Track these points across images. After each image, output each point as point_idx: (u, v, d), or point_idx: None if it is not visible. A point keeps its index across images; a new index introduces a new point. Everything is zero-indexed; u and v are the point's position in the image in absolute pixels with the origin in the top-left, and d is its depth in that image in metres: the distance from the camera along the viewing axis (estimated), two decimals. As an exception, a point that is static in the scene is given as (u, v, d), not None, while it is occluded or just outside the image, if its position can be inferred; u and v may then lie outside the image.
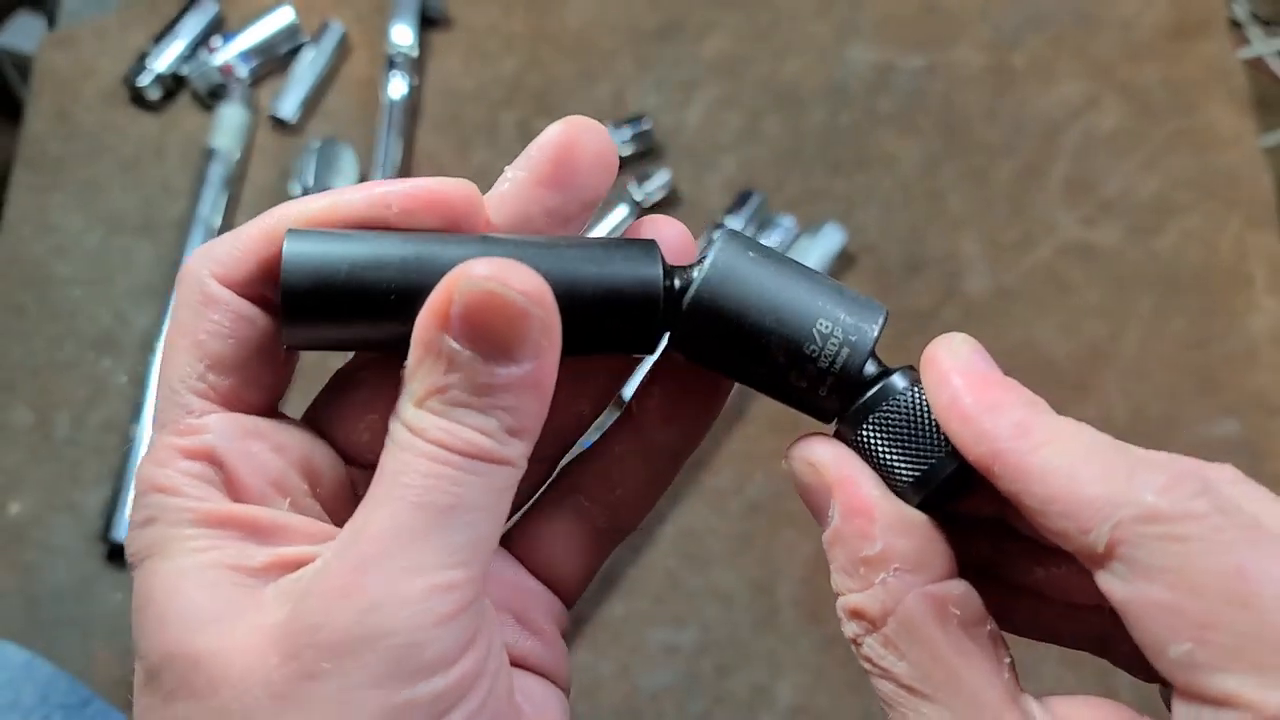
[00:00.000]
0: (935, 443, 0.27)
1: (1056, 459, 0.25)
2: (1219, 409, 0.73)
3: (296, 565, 0.25)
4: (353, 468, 0.30)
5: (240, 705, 0.23)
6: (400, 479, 0.24)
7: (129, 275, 0.79)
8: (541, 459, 0.32)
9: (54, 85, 0.85)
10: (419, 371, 0.24)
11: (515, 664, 0.30)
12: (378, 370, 0.30)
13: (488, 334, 0.24)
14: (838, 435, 0.29)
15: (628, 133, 0.80)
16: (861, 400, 0.28)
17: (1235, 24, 1.34)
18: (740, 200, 0.79)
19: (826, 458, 0.27)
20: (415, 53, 0.84)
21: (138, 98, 0.83)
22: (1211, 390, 0.74)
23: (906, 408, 0.27)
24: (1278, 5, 1.39)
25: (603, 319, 0.27)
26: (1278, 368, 0.74)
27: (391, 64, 0.83)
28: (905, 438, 0.27)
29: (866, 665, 0.26)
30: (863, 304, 0.28)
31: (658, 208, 0.79)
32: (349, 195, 0.27)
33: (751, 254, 0.28)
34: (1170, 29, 0.84)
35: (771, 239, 0.77)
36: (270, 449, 0.28)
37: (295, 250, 0.26)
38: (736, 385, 0.30)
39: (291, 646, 0.23)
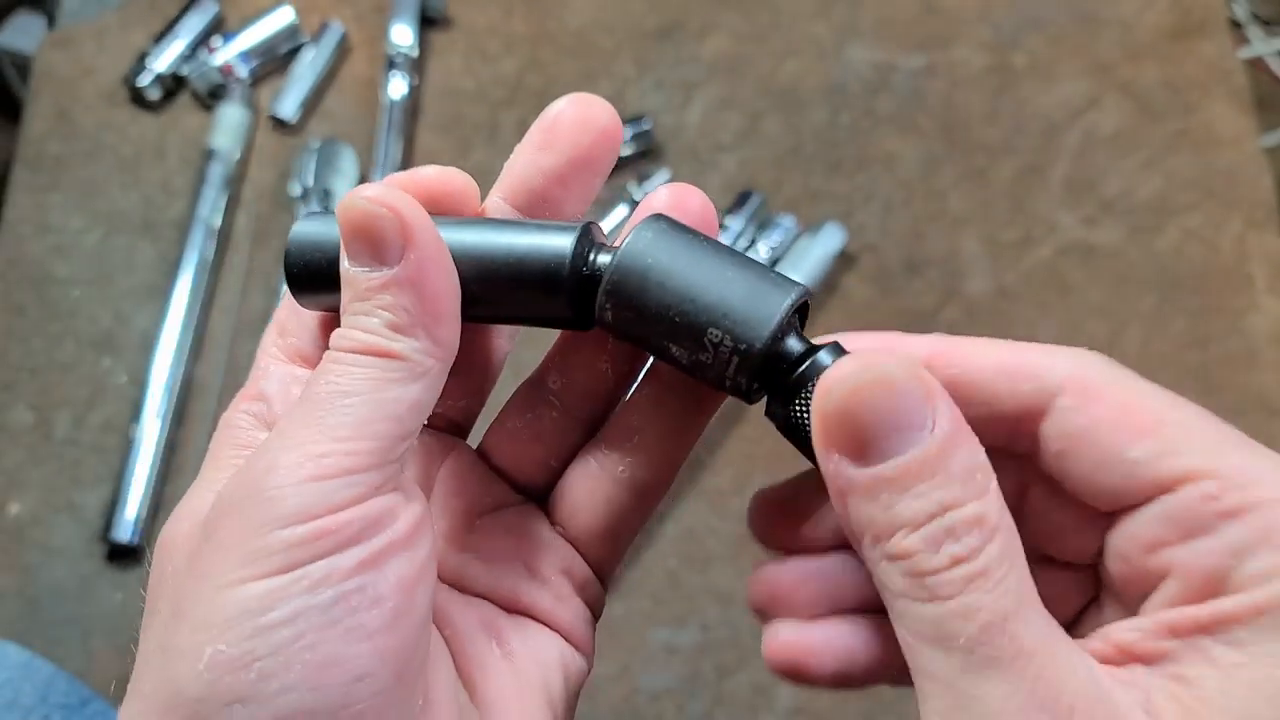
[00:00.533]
0: None
1: (984, 344, 0.28)
2: (1219, 409, 0.73)
3: None
4: None
5: (173, 570, 0.27)
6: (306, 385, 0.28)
7: (129, 275, 0.79)
8: (574, 417, 0.33)
9: (54, 85, 0.85)
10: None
11: (518, 611, 0.32)
12: None
13: (357, 245, 0.28)
14: (768, 413, 0.29)
15: (628, 133, 0.80)
16: (791, 379, 0.28)
17: (1235, 24, 1.34)
18: (740, 200, 0.79)
19: (921, 369, 0.25)
20: (415, 53, 0.84)
21: (138, 98, 0.83)
22: (1211, 390, 0.74)
23: None
24: (1278, 5, 1.39)
25: (517, 288, 0.29)
26: (1278, 368, 0.74)
27: (391, 64, 0.83)
28: None
29: (978, 583, 0.24)
30: (771, 291, 0.28)
31: (658, 208, 0.79)
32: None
33: (672, 240, 0.28)
34: (1170, 29, 0.84)
35: (771, 239, 0.77)
36: None
37: (295, 234, 0.31)
38: None
39: (204, 519, 0.27)
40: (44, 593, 0.71)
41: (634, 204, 0.78)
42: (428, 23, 0.86)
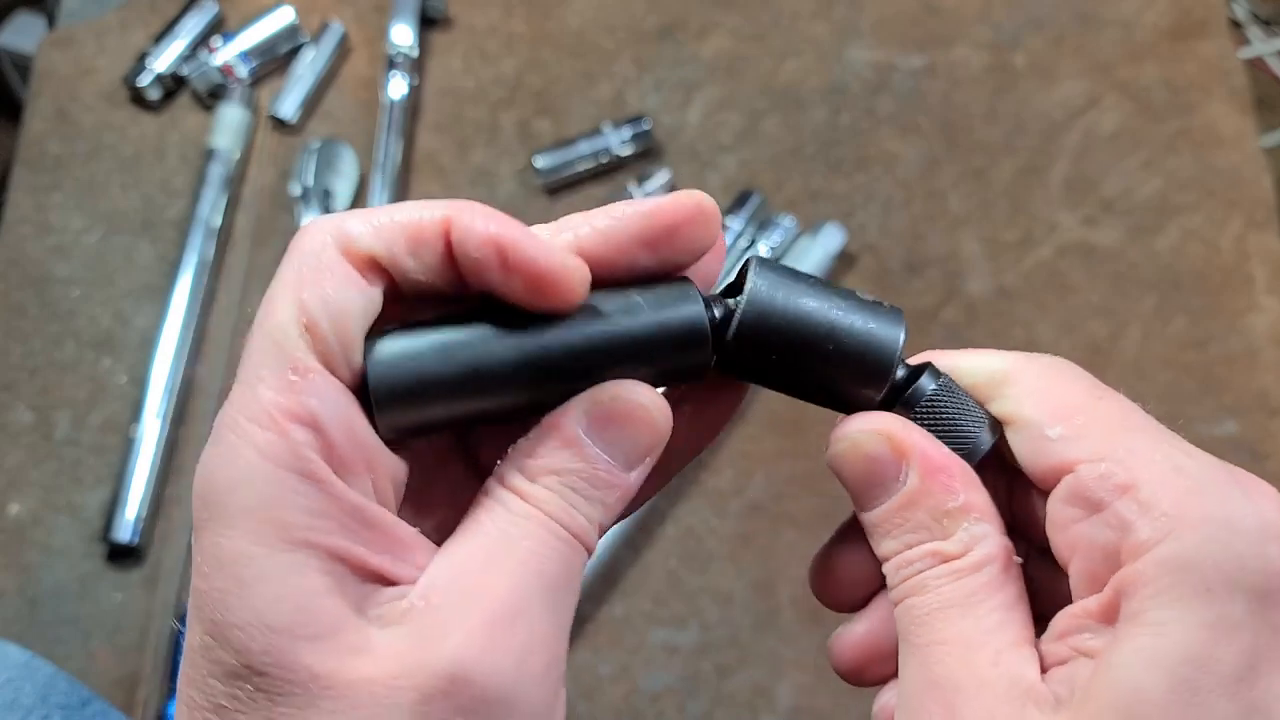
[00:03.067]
0: (968, 428, 0.31)
1: (971, 354, 0.33)
2: (1219, 409, 0.73)
3: (390, 582, 0.27)
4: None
5: None
6: (521, 544, 0.27)
7: (129, 275, 0.79)
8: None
9: (54, 85, 0.85)
10: (543, 451, 0.28)
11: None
12: None
13: (625, 441, 0.28)
14: None
15: (628, 133, 0.80)
16: (903, 397, 0.31)
17: (1235, 24, 1.34)
18: (740, 200, 0.79)
19: (897, 426, 0.30)
20: (415, 53, 0.84)
21: (138, 98, 0.83)
22: (1211, 390, 0.74)
23: (944, 401, 0.31)
24: (1278, 5, 1.39)
25: (658, 359, 0.29)
26: (1278, 368, 0.74)
27: (391, 64, 0.83)
28: (944, 426, 0.31)
29: (916, 593, 0.29)
30: (887, 311, 0.31)
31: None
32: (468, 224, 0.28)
33: (783, 279, 0.31)
34: (1170, 29, 0.84)
35: (771, 239, 0.77)
36: (367, 425, 0.28)
37: (381, 366, 0.28)
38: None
39: (427, 688, 0.25)
40: (44, 593, 0.71)
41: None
42: (428, 23, 0.86)
